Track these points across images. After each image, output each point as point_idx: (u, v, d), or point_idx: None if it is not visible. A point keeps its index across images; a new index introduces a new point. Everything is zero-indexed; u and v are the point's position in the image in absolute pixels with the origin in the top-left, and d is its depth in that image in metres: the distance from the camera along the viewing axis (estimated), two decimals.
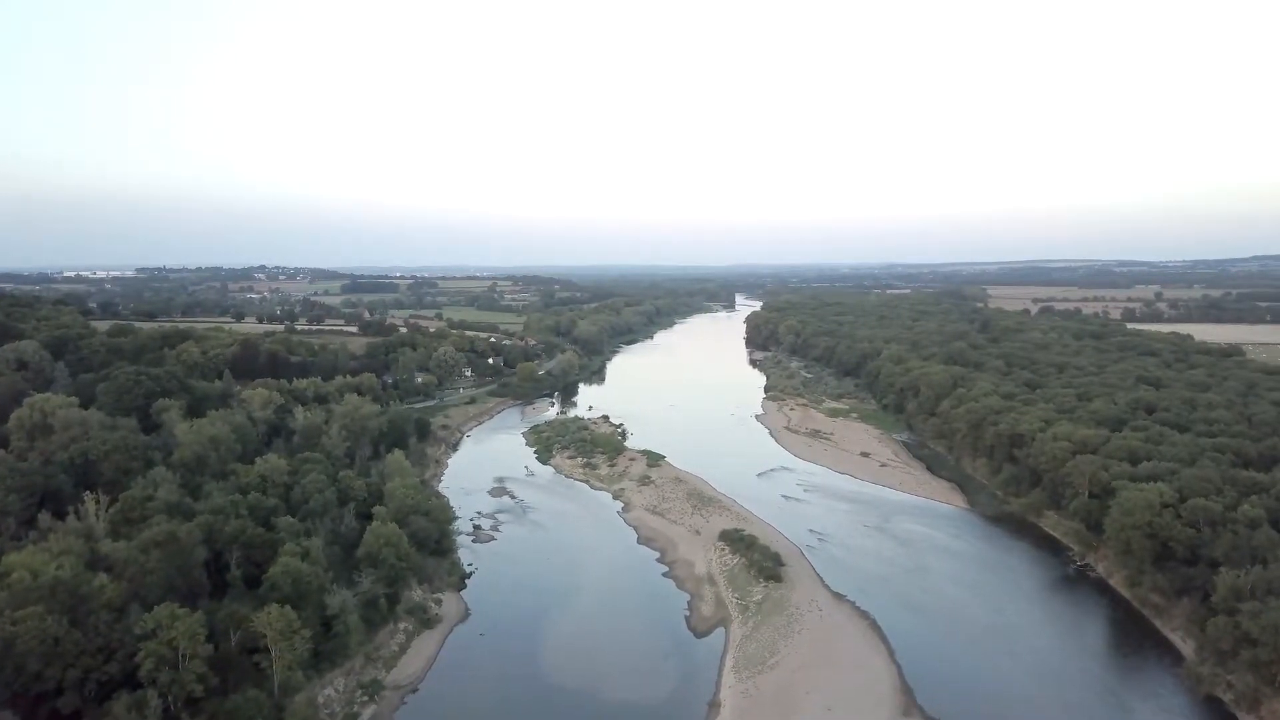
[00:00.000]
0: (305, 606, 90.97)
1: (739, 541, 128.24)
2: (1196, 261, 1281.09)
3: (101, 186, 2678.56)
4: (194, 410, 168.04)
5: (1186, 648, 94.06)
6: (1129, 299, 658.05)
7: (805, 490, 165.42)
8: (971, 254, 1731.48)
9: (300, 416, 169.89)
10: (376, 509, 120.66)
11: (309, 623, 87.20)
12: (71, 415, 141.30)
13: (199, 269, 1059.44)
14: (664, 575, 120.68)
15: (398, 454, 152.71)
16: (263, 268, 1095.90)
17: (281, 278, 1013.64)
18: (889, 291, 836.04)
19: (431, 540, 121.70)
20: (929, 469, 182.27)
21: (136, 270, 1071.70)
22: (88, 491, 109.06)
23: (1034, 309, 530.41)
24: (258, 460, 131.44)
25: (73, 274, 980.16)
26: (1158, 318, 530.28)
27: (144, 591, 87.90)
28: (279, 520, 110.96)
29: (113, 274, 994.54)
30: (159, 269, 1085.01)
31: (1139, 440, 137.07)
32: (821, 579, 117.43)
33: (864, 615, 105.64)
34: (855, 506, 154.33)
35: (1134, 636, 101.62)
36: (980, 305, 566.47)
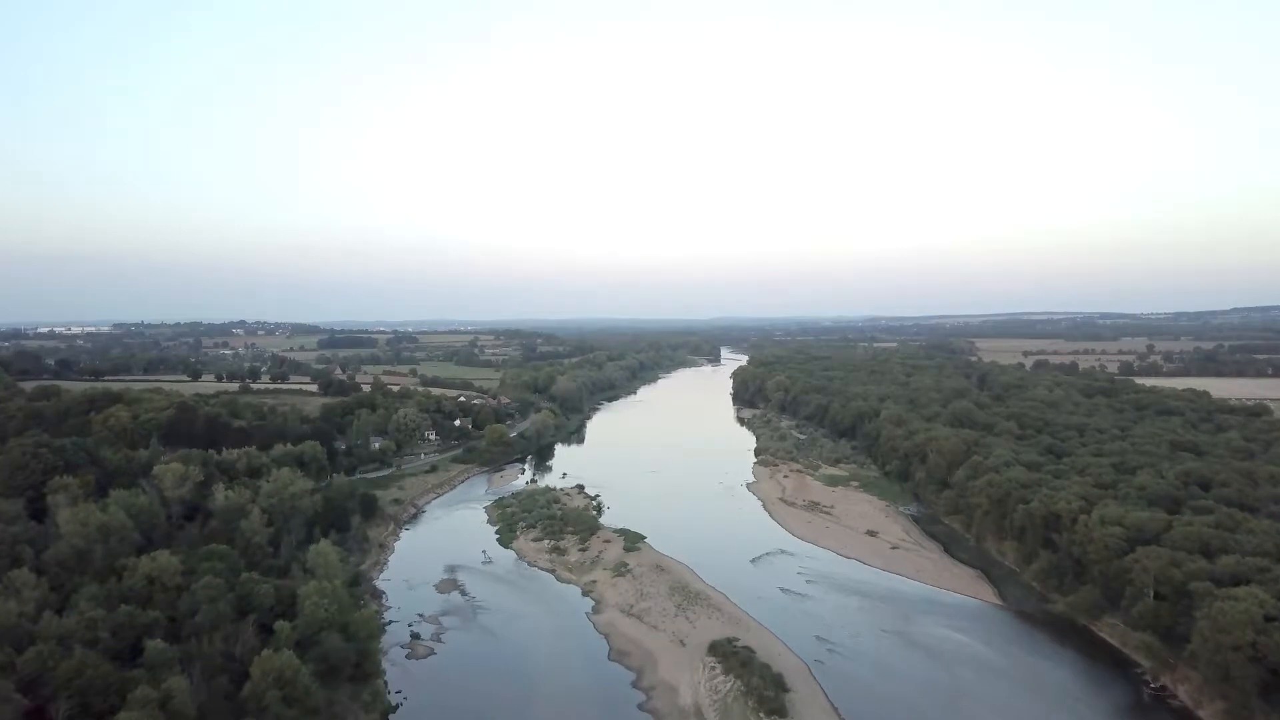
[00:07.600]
0: None
1: (733, 656, 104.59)
2: (1178, 313, 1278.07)
3: (90, 240, 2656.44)
4: (102, 489, 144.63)
5: None
6: (1120, 352, 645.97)
7: (808, 581, 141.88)
8: (952, 306, 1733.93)
9: (221, 495, 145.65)
10: (279, 624, 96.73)
11: None
12: None
13: (177, 324, 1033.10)
14: (640, 707, 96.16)
15: (324, 544, 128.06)
16: (242, 323, 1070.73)
17: (260, 333, 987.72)
18: (876, 345, 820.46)
19: (349, 665, 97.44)
20: (946, 550, 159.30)
21: (113, 326, 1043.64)
22: None
23: (1027, 363, 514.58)
24: (143, 558, 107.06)
25: (45, 330, 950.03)
26: (1155, 371, 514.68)
27: None
28: (150, 645, 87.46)
29: (87, 330, 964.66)
30: (135, 324, 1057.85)
31: (1209, 526, 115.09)
32: (837, 711, 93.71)
33: None
34: (868, 603, 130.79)
35: None
36: (974, 359, 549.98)
